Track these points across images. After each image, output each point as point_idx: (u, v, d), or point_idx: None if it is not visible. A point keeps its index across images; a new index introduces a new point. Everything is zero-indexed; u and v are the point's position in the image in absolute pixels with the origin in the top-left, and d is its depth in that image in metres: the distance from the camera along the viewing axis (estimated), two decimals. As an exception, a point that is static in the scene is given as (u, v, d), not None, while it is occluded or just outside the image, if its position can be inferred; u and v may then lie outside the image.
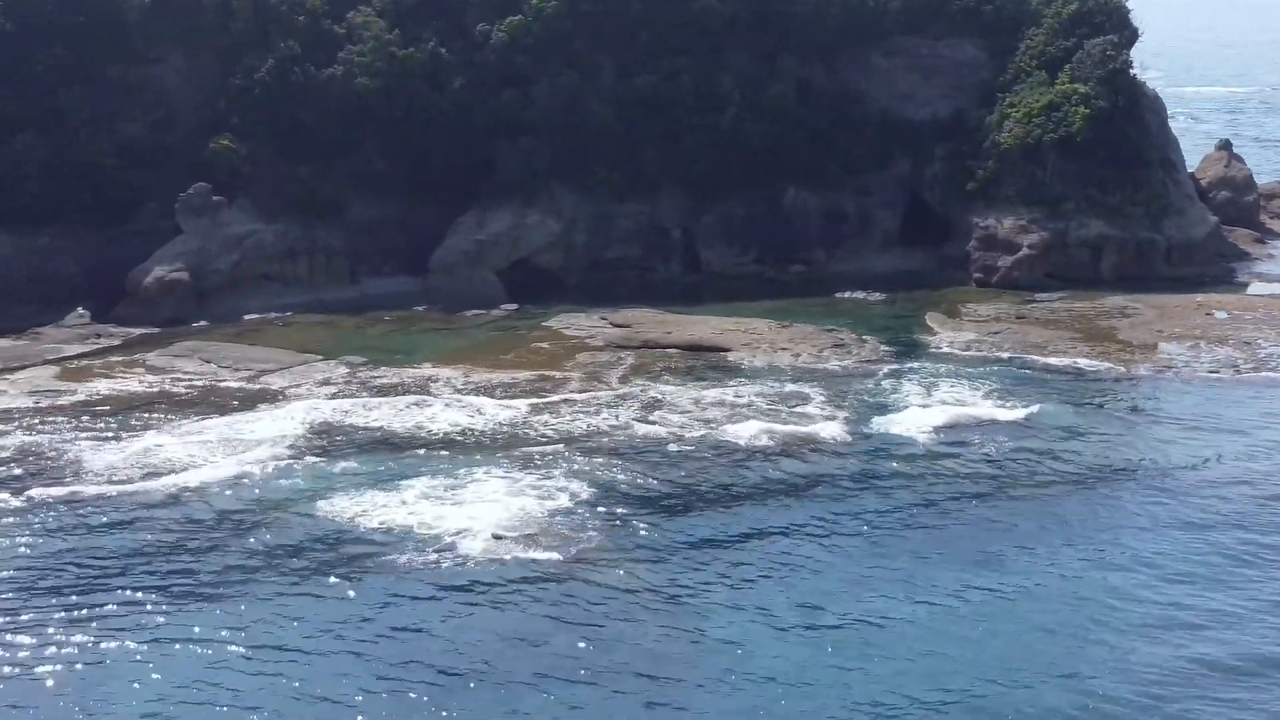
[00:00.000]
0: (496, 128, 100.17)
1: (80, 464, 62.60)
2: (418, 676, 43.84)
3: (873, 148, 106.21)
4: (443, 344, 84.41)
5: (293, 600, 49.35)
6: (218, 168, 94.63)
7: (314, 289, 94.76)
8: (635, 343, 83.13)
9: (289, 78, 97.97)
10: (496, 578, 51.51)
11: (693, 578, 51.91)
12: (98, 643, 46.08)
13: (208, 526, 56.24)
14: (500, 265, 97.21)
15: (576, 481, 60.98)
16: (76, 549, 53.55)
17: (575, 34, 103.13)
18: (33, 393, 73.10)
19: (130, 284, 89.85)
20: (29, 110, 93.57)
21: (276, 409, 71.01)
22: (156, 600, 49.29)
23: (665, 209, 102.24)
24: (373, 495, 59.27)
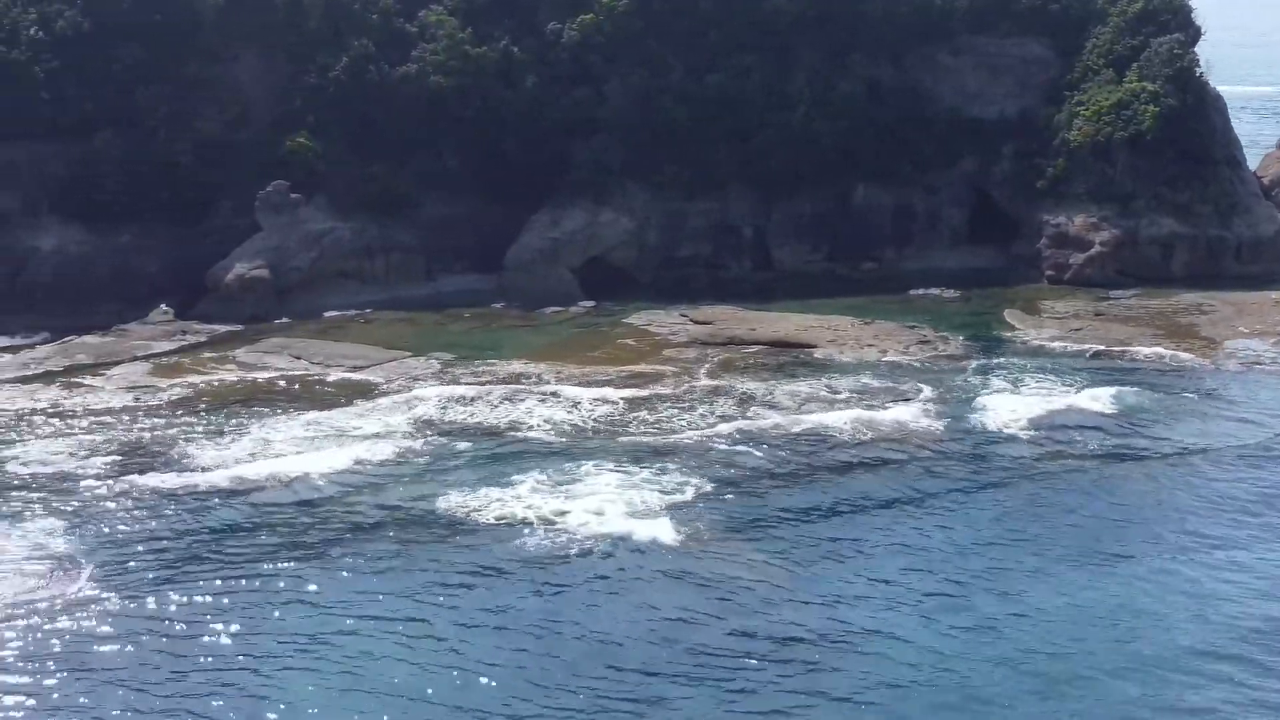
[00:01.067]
0: (568, 126, 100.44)
1: (193, 458, 62.79)
2: (570, 668, 43.96)
3: (941, 146, 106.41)
4: (527, 341, 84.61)
5: (435, 591, 49.36)
6: (293, 166, 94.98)
7: (390, 286, 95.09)
8: (720, 339, 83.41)
9: (363, 76, 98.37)
10: (629, 568, 51.71)
11: (822, 567, 52.07)
12: (249, 633, 46.27)
13: (333, 519, 56.34)
14: (574, 263, 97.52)
15: (689, 474, 61.19)
16: (204, 541, 53.62)
17: (646, 32, 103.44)
18: (131, 389, 73.45)
19: (211, 281, 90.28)
20: (107, 109, 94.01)
21: (376, 404, 71.29)
22: (302, 591, 49.32)
23: (736, 207, 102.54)
24: (487, 489, 59.34)
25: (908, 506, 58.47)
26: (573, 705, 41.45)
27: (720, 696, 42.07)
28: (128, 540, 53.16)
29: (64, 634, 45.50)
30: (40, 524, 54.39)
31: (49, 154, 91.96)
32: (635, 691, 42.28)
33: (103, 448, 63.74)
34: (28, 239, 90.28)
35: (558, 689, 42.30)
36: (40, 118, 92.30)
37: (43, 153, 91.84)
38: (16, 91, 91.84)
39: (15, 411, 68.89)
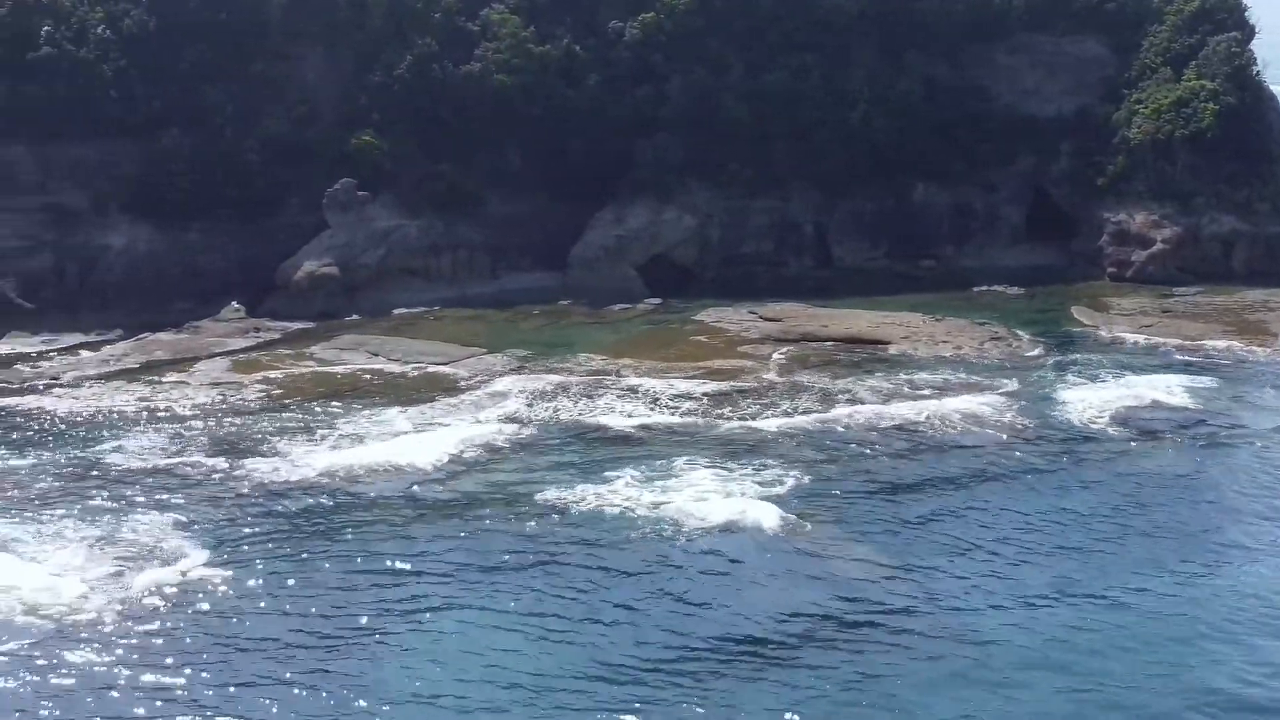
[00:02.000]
0: (631, 124, 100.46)
1: (289, 453, 62.71)
2: (692, 655, 43.64)
3: (998, 144, 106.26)
4: (599, 338, 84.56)
5: (547, 580, 48.78)
6: (359, 164, 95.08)
7: (456, 284, 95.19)
8: (793, 336, 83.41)
9: (428, 74, 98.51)
10: (739, 557, 51.52)
11: (932, 561, 51.70)
12: (365, 621, 45.93)
13: (434, 511, 55.95)
14: (638, 260, 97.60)
15: (782, 466, 60.96)
16: (310, 532, 53.32)
17: (706, 31, 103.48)
18: (215, 385, 73.53)
19: (280, 278, 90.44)
20: (174, 107, 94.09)
21: (461, 400, 71.30)
22: (412, 580, 49.05)
23: (797, 204, 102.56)
24: (584, 482, 59.03)
25: (1006, 498, 58.29)
26: (696, 689, 41.10)
27: (845, 680, 41.85)
28: (236, 532, 52.84)
29: (181, 623, 45.18)
30: (149, 516, 54.31)
31: (118, 152, 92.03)
32: (762, 676, 41.97)
33: (198, 442, 63.70)
34: (98, 237, 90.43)
35: (680, 674, 42.00)
36: (109, 116, 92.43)
37: (112, 151, 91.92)
38: (85, 90, 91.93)
39: (106, 407, 68.93)
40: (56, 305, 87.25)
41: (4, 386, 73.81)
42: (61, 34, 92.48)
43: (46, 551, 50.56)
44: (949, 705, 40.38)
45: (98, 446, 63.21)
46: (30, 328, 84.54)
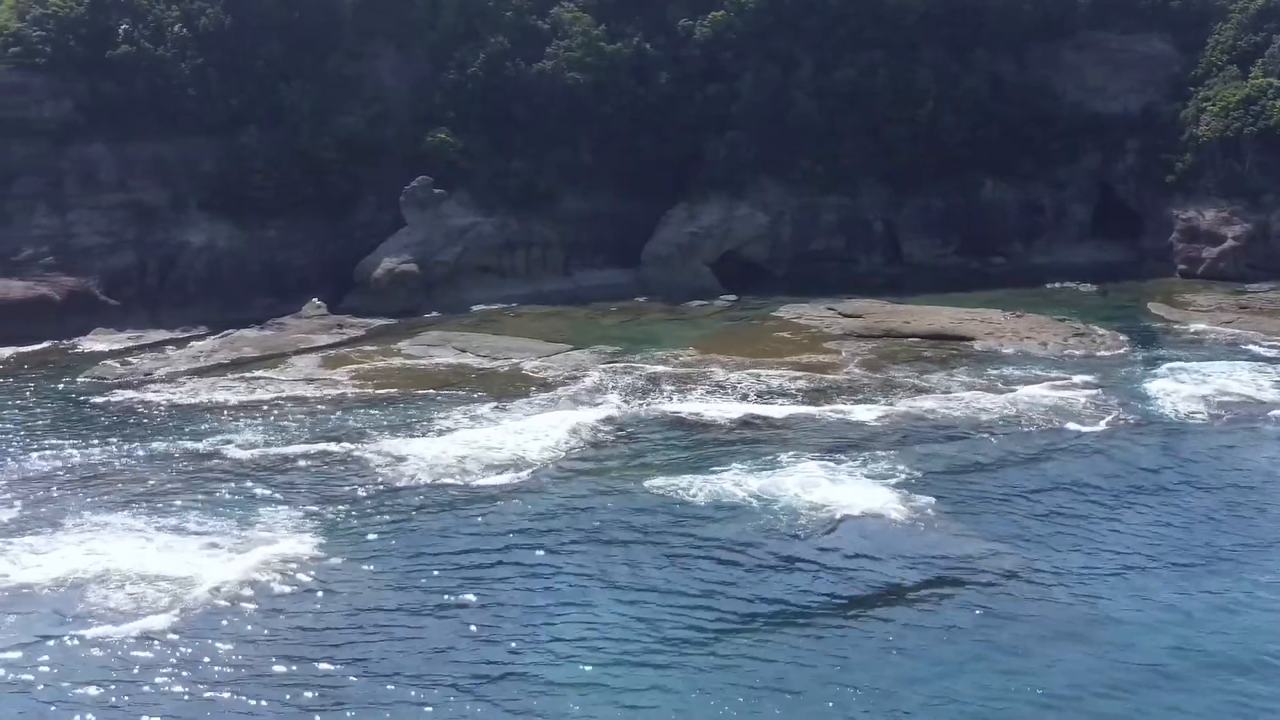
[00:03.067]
0: (702, 121, 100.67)
1: (392, 447, 62.55)
2: (826, 649, 42.25)
3: (1065, 141, 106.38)
4: (681, 334, 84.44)
5: (665, 570, 47.66)
6: (434, 161, 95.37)
7: (531, 281, 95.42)
8: (876, 332, 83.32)
9: (501, 72, 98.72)
10: (861, 548, 50.80)
11: (1063, 558, 51.17)
12: (487, 613, 44.67)
13: (546, 503, 54.95)
14: (711, 257, 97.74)
15: (890, 459, 60.09)
16: (425, 526, 52.67)
17: (775, 29, 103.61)
18: (309, 380, 73.59)
19: (359, 275, 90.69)
20: (252, 105, 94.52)
21: (556, 395, 71.13)
22: (529, 571, 48.18)
23: (867, 201, 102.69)
24: (691, 474, 58.38)
25: (1115, 487, 57.53)
26: (836, 681, 40.76)
27: (996, 668, 41.37)
28: (354, 521, 52.27)
29: (314, 606, 44.82)
30: (268, 507, 54.08)
31: (196, 150, 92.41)
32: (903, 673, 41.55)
33: (304, 435, 63.52)
34: (178, 235, 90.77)
35: (817, 670, 41.06)
36: (187, 114, 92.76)
37: (190, 149, 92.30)
38: (163, 88, 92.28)
39: (206, 402, 69.07)
40: (138, 302, 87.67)
41: (101, 382, 73.86)
42: (139, 32, 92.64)
43: (176, 540, 50.37)
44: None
45: (206, 440, 63.07)
46: (115, 324, 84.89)
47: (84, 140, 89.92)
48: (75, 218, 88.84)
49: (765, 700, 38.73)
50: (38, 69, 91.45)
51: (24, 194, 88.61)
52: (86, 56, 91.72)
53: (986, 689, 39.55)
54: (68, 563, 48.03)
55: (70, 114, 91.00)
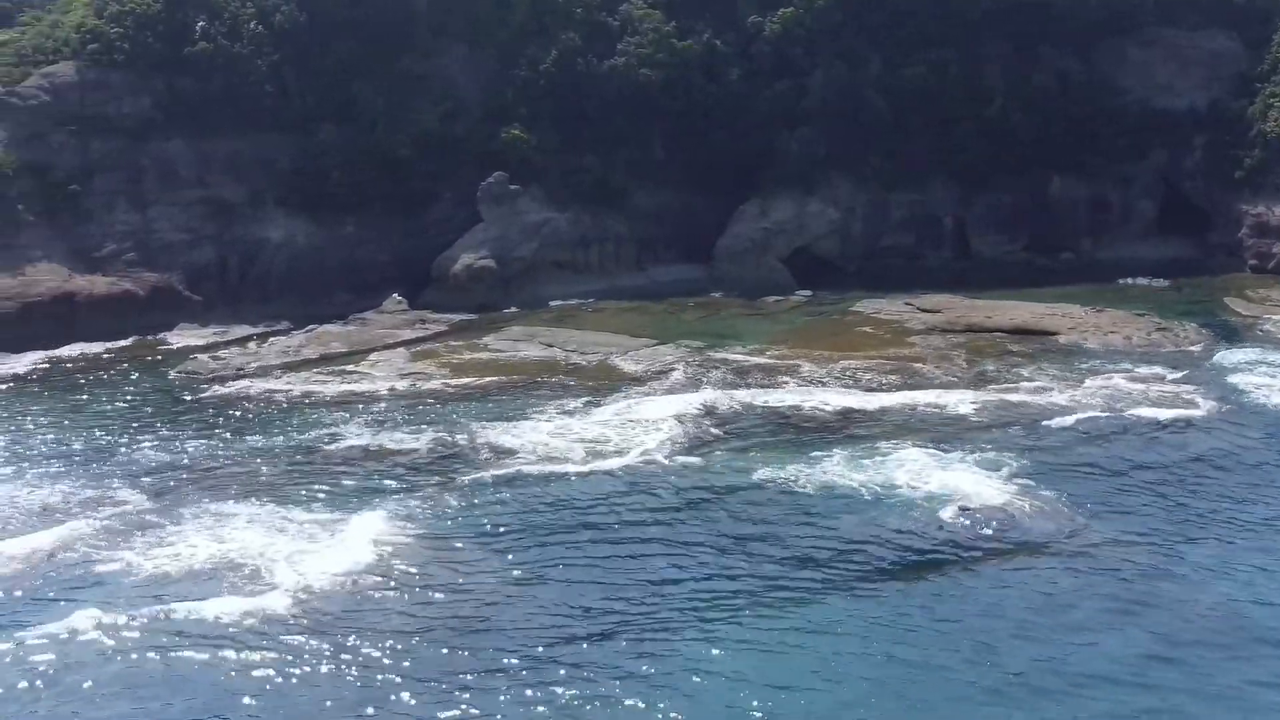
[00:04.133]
0: (772, 118, 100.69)
1: (496, 441, 62.35)
2: (954, 643, 41.85)
3: (1131, 138, 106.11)
4: (763, 328, 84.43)
5: (788, 562, 47.75)
6: (507, 158, 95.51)
7: (605, 276, 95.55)
8: (960, 327, 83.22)
9: (572, 69, 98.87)
10: (987, 540, 51.00)
11: (1170, 536, 50.95)
12: (619, 606, 44.38)
13: (660, 497, 54.79)
14: (783, 253, 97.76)
15: (995, 450, 59.96)
16: (540, 517, 52.57)
17: (844, 25, 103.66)
18: (404, 375, 73.62)
19: (437, 271, 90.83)
20: (326, 102, 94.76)
21: (651, 389, 71.06)
22: (650, 563, 47.99)
23: (936, 197, 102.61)
24: (796, 465, 58.11)
25: (1222, 477, 57.20)
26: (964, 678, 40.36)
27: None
28: (473, 513, 52.32)
29: (438, 595, 44.75)
30: (381, 498, 54.26)
31: (273, 147, 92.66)
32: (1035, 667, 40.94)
33: (406, 428, 63.58)
34: (256, 231, 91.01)
35: (946, 665, 40.51)
36: (263, 111, 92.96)
37: (267, 146, 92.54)
38: (240, 85, 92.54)
39: (304, 395, 69.33)
40: (219, 297, 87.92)
41: (196, 376, 74.10)
42: (216, 29, 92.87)
43: (300, 528, 50.47)
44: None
45: (313, 432, 63.27)
46: (198, 319, 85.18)
47: (162, 137, 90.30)
48: (155, 214, 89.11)
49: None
50: (116, 66, 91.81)
51: (104, 190, 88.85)
52: (164, 53, 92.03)
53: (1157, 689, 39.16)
54: (199, 551, 48.10)
55: (148, 111, 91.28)
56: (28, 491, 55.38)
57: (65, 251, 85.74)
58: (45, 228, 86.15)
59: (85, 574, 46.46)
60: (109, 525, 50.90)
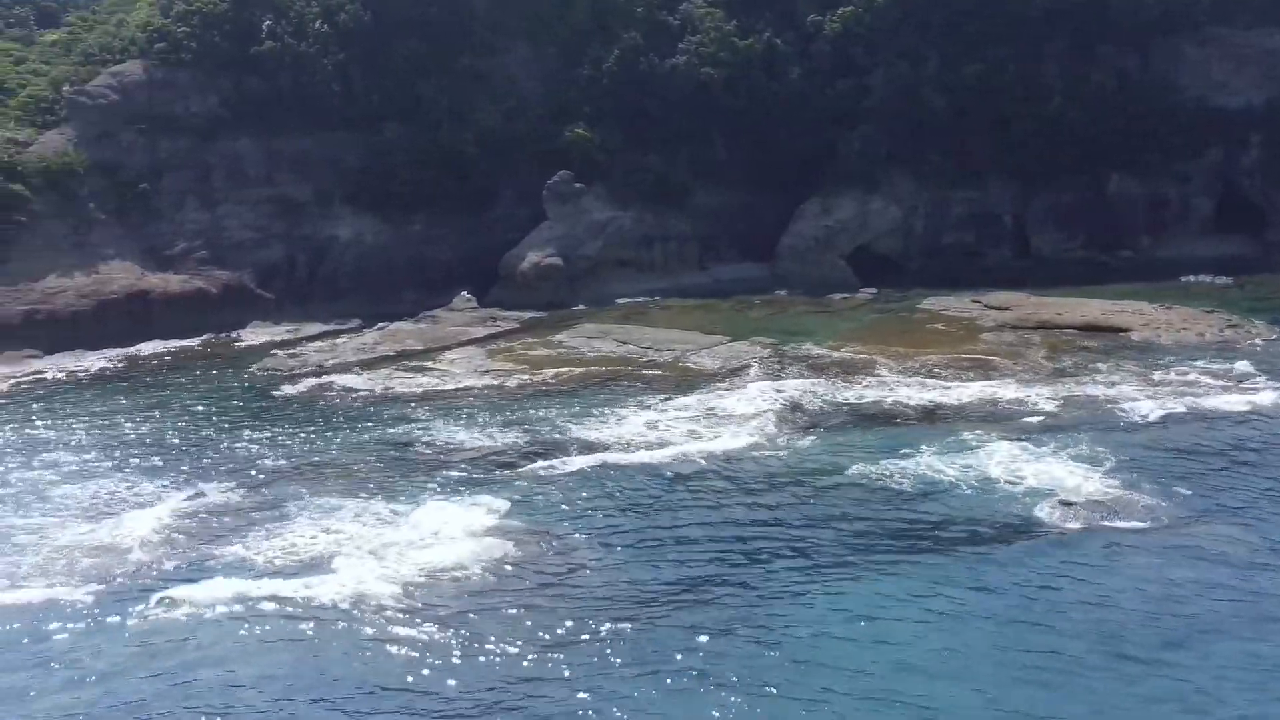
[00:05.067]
0: (833, 116, 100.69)
1: (585, 436, 62.29)
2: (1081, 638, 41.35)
3: (1188, 136, 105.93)
4: (833, 325, 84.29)
5: (902, 554, 47.42)
6: (570, 156, 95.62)
7: (668, 274, 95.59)
8: (1031, 323, 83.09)
9: (634, 68, 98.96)
10: (1094, 541, 50.64)
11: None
12: (737, 601, 43.88)
13: (765, 491, 55.04)
14: (845, 251, 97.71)
15: (1088, 446, 59.34)
16: (644, 510, 52.46)
17: (903, 24, 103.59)
18: (484, 372, 73.76)
19: (504, 269, 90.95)
20: (391, 101, 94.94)
21: (732, 385, 70.95)
22: (770, 556, 47.61)
23: (995, 195, 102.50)
24: (888, 459, 57.89)
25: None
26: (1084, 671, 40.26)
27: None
28: (573, 507, 52.13)
29: (552, 587, 44.62)
30: (482, 493, 54.21)
31: (340, 145, 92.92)
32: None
33: (494, 423, 63.56)
34: (325, 229, 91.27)
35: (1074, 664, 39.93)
36: (329, 110, 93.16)
37: (334, 144, 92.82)
38: (307, 84, 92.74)
39: (387, 392, 69.47)
40: (288, 295, 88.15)
41: (276, 373, 74.30)
42: (282, 28, 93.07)
43: (405, 520, 50.38)
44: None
45: (402, 427, 63.32)
46: (271, 316, 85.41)
47: (230, 136, 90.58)
48: (224, 212, 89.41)
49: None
50: (183, 65, 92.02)
51: (173, 189, 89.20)
52: (231, 53, 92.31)
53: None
54: (308, 543, 48.31)
55: (216, 109, 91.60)
56: (126, 487, 55.60)
57: (137, 250, 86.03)
58: (116, 226, 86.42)
59: (198, 565, 46.57)
60: (215, 518, 51.12)
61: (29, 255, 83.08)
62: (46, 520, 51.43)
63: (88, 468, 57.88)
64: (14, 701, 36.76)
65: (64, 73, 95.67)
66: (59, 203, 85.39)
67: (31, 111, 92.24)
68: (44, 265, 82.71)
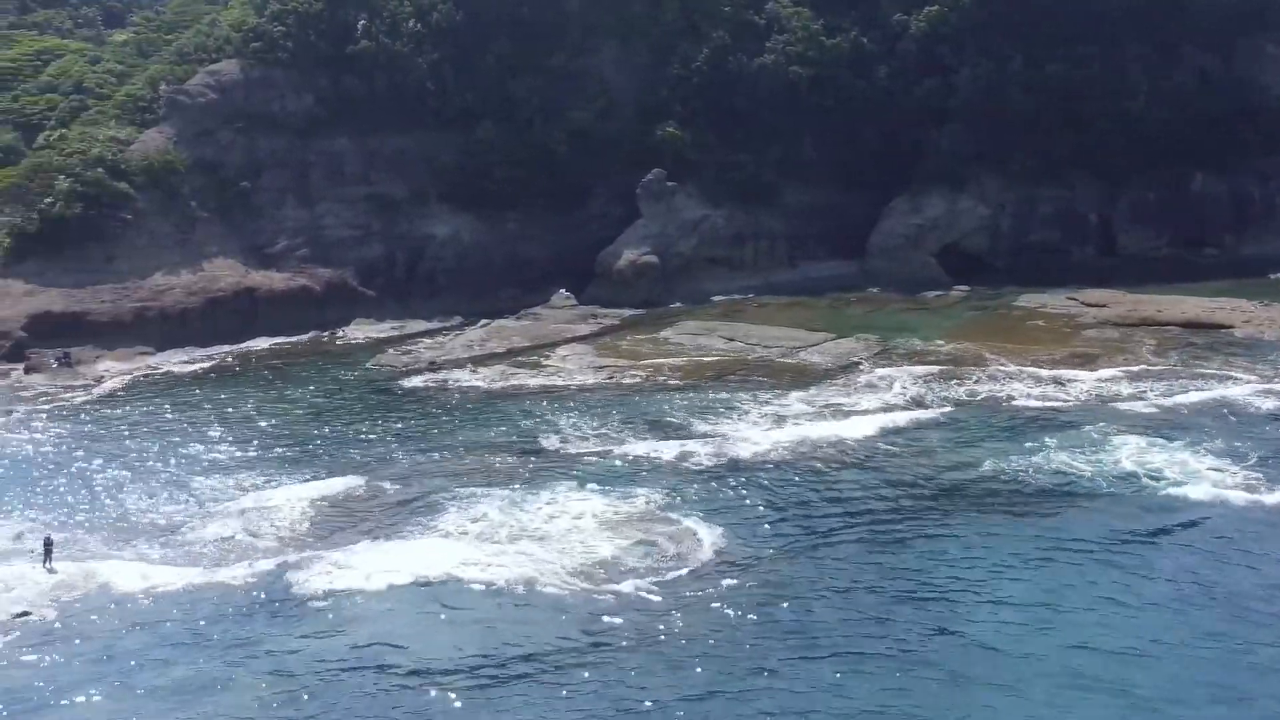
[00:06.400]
0: (920, 115, 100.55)
1: (717, 433, 61.80)
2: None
3: (1269, 134, 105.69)
4: (934, 322, 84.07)
5: (1019, 549, 47.15)
6: (659, 154, 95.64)
7: (759, 272, 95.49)
8: (1133, 320, 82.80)
9: (724, 67, 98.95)
10: (1247, 529, 50.43)
11: None
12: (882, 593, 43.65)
13: (891, 486, 54.49)
14: (934, 249, 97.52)
15: (1225, 442, 59.27)
16: (786, 502, 52.42)
17: (988, 24, 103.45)
18: (597, 368, 73.65)
19: (600, 266, 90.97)
20: (484, 100, 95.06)
21: (847, 381, 70.90)
22: (904, 549, 47.44)
23: (1081, 194, 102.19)
24: (1017, 455, 57.50)
25: None
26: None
27: None
28: (725, 501, 52.03)
29: (717, 579, 44.33)
30: (624, 489, 54.05)
31: (435, 144, 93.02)
32: None
33: (619, 419, 63.49)
34: (421, 227, 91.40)
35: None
36: (424, 108, 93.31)
37: (430, 143, 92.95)
38: (403, 82, 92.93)
39: (505, 388, 69.69)
40: (389, 292, 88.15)
41: (392, 369, 74.47)
42: (376, 27, 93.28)
43: (554, 515, 50.47)
44: None
45: (529, 422, 63.32)
46: (374, 314, 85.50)
47: (328, 134, 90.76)
48: (323, 210, 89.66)
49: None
50: (279, 64, 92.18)
51: (272, 187, 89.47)
52: (327, 52, 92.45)
53: None
54: (467, 532, 48.33)
55: (312, 108, 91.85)
56: (265, 478, 55.61)
57: (238, 247, 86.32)
58: (218, 224, 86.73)
59: (360, 552, 46.68)
60: (367, 508, 51.34)
61: (135, 253, 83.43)
62: (199, 508, 51.74)
63: (228, 458, 58.14)
64: (219, 691, 36.77)
65: (159, 71, 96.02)
66: (162, 201, 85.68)
67: (130, 110, 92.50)
68: (150, 263, 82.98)
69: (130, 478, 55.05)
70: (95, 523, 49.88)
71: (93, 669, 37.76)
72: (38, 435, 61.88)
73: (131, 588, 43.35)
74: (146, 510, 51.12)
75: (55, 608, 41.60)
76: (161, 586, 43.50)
